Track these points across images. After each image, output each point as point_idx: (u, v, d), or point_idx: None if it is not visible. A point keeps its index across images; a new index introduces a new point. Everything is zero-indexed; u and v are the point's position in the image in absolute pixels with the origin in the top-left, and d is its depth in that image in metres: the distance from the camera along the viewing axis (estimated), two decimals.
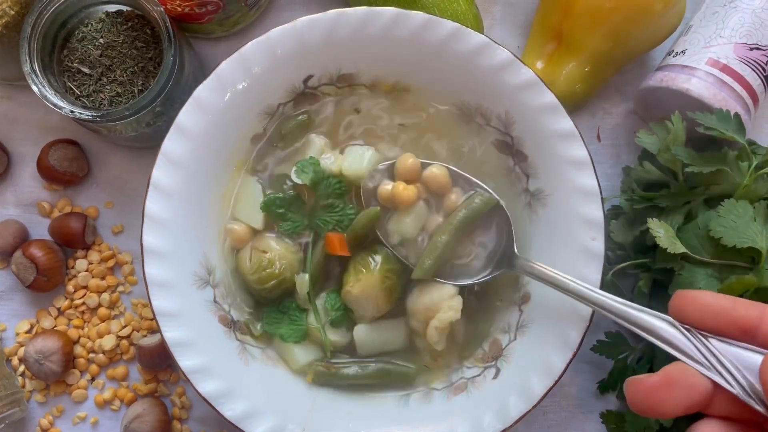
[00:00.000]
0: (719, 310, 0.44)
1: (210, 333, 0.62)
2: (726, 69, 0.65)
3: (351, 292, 0.63)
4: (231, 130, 0.64)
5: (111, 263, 0.74)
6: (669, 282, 0.62)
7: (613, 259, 0.69)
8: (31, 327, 0.73)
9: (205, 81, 0.61)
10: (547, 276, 0.58)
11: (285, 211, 0.65)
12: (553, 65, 0.71)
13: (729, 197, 0.61)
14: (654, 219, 0.62)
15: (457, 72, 0.64)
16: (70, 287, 0.73)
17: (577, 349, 0.59)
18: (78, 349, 0.72)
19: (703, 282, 0.59)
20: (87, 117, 0.62)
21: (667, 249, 0.60)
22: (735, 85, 0.65)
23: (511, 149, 0.66)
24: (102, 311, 0.72)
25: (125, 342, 0.72)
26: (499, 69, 0.62)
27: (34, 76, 0.63)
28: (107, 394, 0.72)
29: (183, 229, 0.62)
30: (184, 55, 0.65)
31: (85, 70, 0.66)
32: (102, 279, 0.73)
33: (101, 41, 0.66)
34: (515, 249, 0.62)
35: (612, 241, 0.68)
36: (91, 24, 0.67)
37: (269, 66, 0.63)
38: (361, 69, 0.66)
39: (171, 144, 0.61)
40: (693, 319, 0.45)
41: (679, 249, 0.60)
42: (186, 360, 0.59)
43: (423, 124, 0.68)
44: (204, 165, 0.63)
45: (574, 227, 0.62)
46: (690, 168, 0.63)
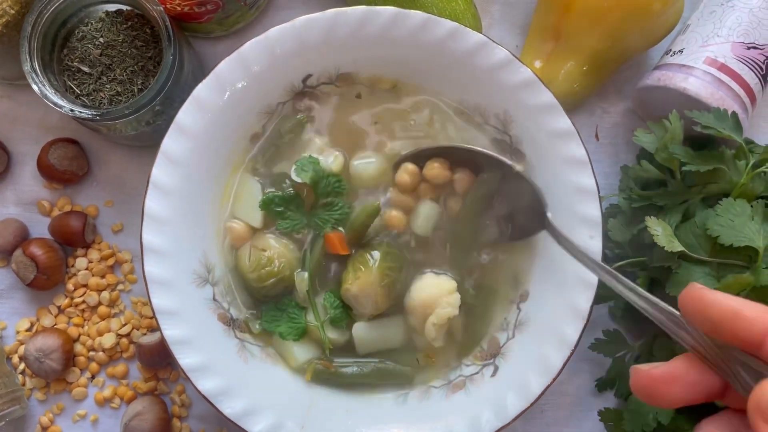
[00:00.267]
0: (722, 318, 0.42)
1: (209, 331, 0.62)
2: (723, 68, 0.65)
3: (350, 289, 0.63)
4: (230, 128, 0.64)
5: (111, 262, 0.74)
6: (666, 280, 0.62)
7: (611, 258, 0.69)
8: (32, 325, 0.73)
9: (205, 80, 0.61)
10: (573, 248, 0.58)
11: (284, 210, 0.65)
12: (552, 64, 0.71)
13: (726, 196, 0.61)
14: (652, 217, 0.62)
15: (456, 71, 0.64)
16: (70, 285, 0.73)
17: (575, 347, 0.60)
18: (78, 347, 0.72)
19: (701, 280, 0.59)
20: (87, 116, 0.62)
21: (665, 247, 0.60)
22: (732, 84, 0.65)
23: (510, 148, 0.66)
24: (102, 309, 0.73)
25: (125, 340, 0.72)
26: (498, 68, 0.62)
27: (34, 75, 0.63)
28: (107, 392, 0.72)
29: (182, 228, 0.62)
30: (183, 55, 0.66)
31: (85, 69, 0.66)
32: (102, 277, 0.73)
33: (101, 40, 0.66)
34: (547, 212, 0.61)
35: (610, 240, 0.68)
36: (91, 23, 0.67)
37: (268, 65, 0.63)
38: (360, 68, 0.66)
39: (171, 143, 0.61)
40: (696, 323, 0.44)
41: (677, 247, 0.60)
42: (185, 358, 0.59)
43: (422, 123, 0.68)
44: (203, 163, 0.63)
45: (572, 226, 0.62)
46: (687, 167, 0.63)
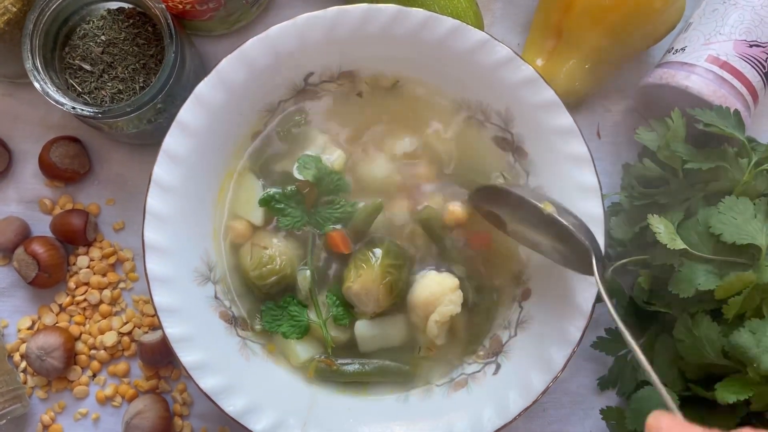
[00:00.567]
0: None
1: (211, 329, 0.62)
2: (726, 66, 0.65)
3: (352, 287, 0.63)
4: (232, 126, 0.64)
5: (112, 260, 0.74)
6: (669, 278, 0.62)
7: (613, 256, 0.69)
8: (33, 323, 0.73)
9: (206, 78, 0.61)
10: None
11: (284, 207, 0.65)
12: (554, 62, 0.71)
13: (728, 194, 0.61)
14: (654, 215, 0.62)
15: (457, 69, 0.64)
16: (71, 284, 0.73)
17: (577, 346, 0.59)
18: (79, 346, 0.72)
19: (703, 278, 0.59)
20: (89, 113, 0.62)
21: (667, 245, 0.60)
22: (734, 82, 0.65)
23: (512, 146, 0.66)
24: (103, 308, 0.73)
25: (126, 338, 0.72)
26: (500, 66, 0.62)
27: (36, 72, 0.63)
28: (108, 390, 0.72)
29: (184, 226, 0.62)
30: (185, 53, 0.66)
31: (87, 67, 0.66)
32: (103, 276, 0.73)
33: (103, 38, 0.66)
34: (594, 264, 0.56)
35: (612, 238, 0.68)
36: (93, 21, 0.67)
37: (270, 63, 0.63)
38: (362, 66, 0.66)
39: (172, 140, 0.61)
40: None
41: (679, 245, 0.60)
42: (187, 355, 0.59)
43: (423, 121, 0.68)
44: (205, 161, 0.63)
45: None
46: (690, 165, 0.63)
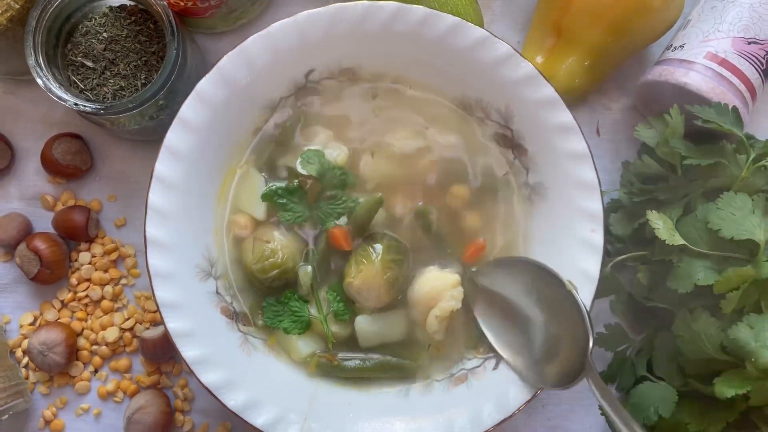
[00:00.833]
0: None
1: (212, 324, 0.62)
2: (724, 63, 0.66)
3: (353, 283, 0.63)
4: (233, 123, 0.65)
5: (114, 256, 0.74)
6: (668, 274, 0.62)
7: (613, 252, 0.69)
8: (35, 319, 0.73)
9: (207, 75, 0.62)
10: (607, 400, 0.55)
11: (286, 201, 0.65)
12: (553, 60, 0.72)
13: (727, 190, 0.61)
14: (653, 211, 0.62)
15: (457, 66, 0.64)
16: (73, 280, 0.73)
17: None
18: (81, 341, 0.72)
19: (702, 273, 0.59)
20: (91, 109, 0.63)
21: (666, 241, 0.60)
22: (733, 79, 0.65)
23: (511, 143, 0.66)
24: (105, 303, 0.73)
25: (128, 334, 0.73)
26: (499, 63, 0.63)
27: (38, 69, 0.63)
28: (110, 385, 0.72)
29: (186, 221, 0.62)
30: (186, 49, 0.66)
31: (89, 63, 0.67)
32: (105, 272, 0.74)
33: (105, 35, 0.67)
34: (588, 356, 0.56)
35: (611, 234, 0.69)
36: (95, 18, 0.67)
37: (271, 60, 0.63)
38: (363, 63, 0.67)
39: (174, 137, 0.61)
40: None
41: (678, 241, 0.60)
42: (189, 350, 0.59)
43: (424, 117, 0.68)
44: (206, 157, 0.63)
45: (573, 220, 0.62)
46: (688, 161, 0.63)
